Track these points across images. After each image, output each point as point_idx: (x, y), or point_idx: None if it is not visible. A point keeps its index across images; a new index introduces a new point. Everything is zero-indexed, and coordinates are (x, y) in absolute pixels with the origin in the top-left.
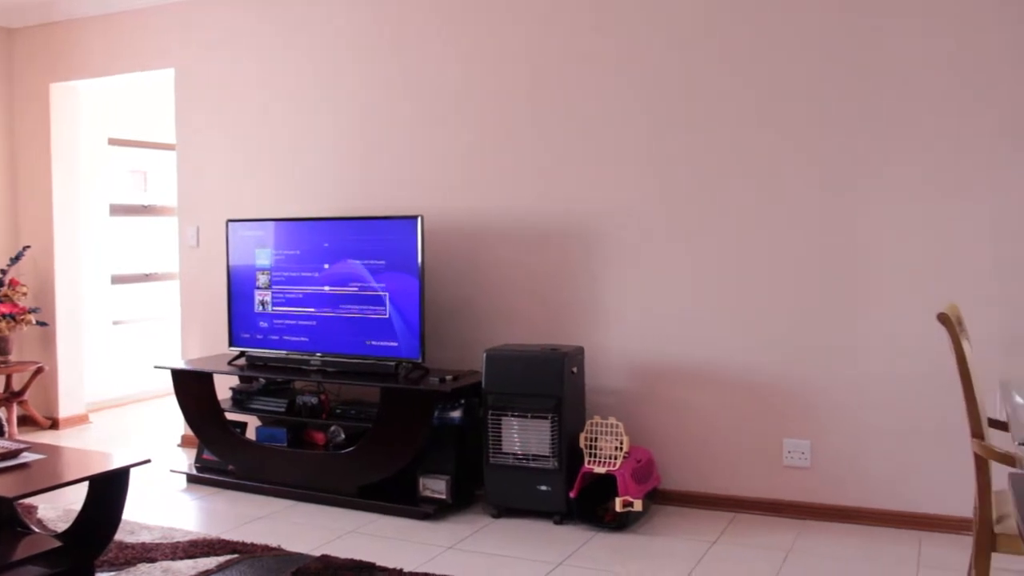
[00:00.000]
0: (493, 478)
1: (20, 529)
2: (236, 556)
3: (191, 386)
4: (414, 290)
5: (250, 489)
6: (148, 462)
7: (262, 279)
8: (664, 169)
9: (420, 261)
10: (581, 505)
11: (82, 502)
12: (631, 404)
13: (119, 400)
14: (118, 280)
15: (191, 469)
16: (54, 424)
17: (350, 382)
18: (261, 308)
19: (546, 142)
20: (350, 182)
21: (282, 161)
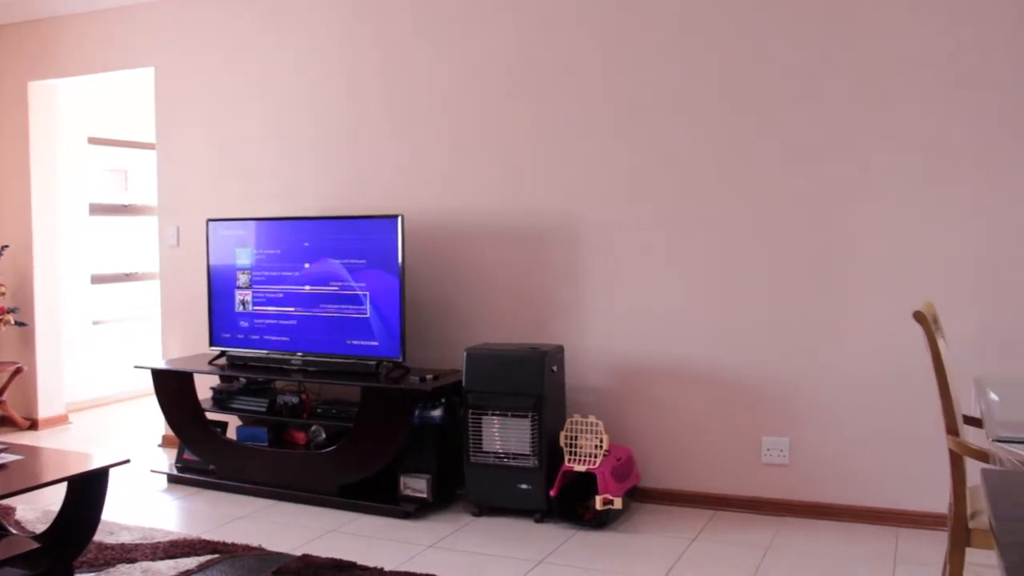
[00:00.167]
0: (474, 477)
1: None
2: (217, 556)
3: (171, 386)
4: (394, 289)
5: (231, 489)
6: (127, 462)
7: (242, 279)
8: (643, 168)
9: (400, 260)
10: (561, 503)
11: (61, 503)
12: (611, 402)
13: (99, 400)
14: (98, 280)
15: (172, 469)
16: (33, 425)
17: (331, 381)
18: (242, 308)
19: (527, 142)
20: (331, 182)
21: (263, 160)
